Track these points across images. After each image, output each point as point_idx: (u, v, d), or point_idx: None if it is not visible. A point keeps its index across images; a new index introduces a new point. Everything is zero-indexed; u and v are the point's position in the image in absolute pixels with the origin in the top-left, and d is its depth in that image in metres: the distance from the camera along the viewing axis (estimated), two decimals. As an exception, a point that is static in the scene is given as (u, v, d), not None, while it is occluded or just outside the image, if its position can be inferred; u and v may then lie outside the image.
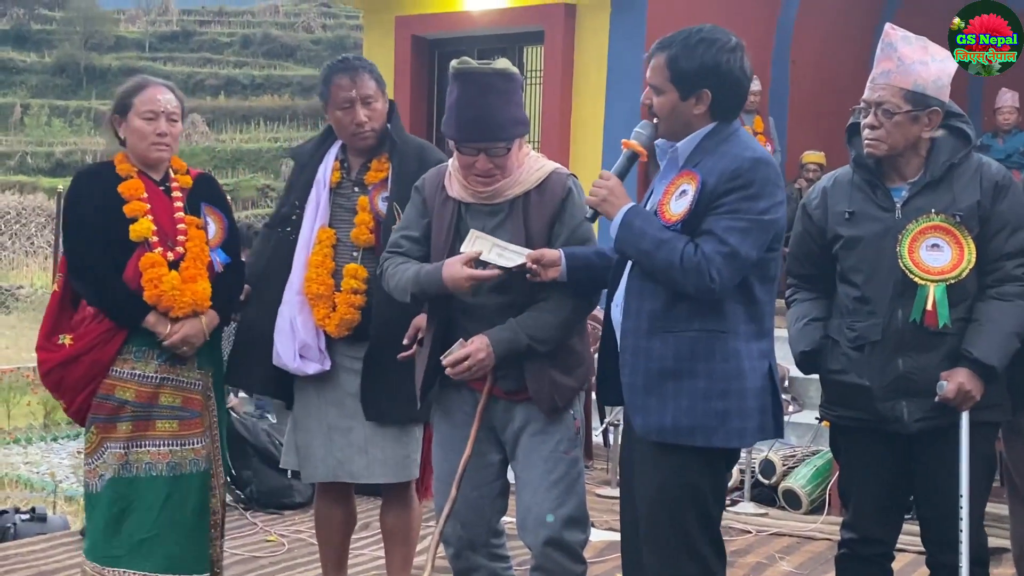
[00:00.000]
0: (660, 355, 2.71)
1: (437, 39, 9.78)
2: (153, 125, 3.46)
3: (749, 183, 2.67)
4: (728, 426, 2.71)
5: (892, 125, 2.96)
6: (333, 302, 3.50)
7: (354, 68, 3.53)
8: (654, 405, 2.72)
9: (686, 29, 2.78)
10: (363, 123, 3.50)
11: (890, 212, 3.02)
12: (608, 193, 2.76)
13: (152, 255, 3.42)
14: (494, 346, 2.92)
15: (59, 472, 6.62)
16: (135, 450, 3.48)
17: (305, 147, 3.74)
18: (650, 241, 2.68)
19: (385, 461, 3.55)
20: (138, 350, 3.48)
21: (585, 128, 8.90)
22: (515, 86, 2.99)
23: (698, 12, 8.86)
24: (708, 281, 2.64)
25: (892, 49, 2.99)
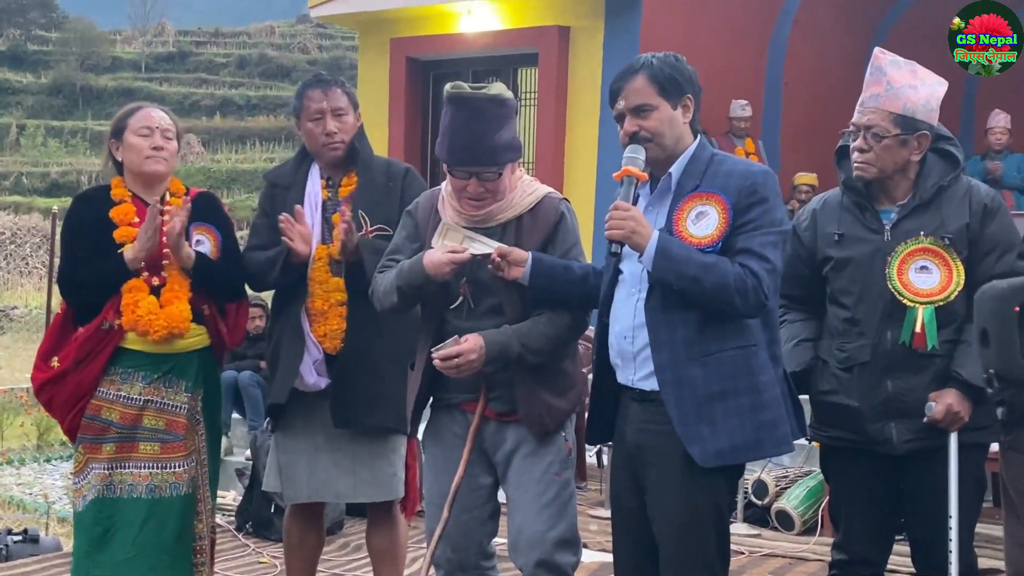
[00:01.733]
0: (704, 380, 2.74)
1: (432, 61, 9.83)
2: (148, 140, 3.52)
3: (766, 197, 2.75)
4: (776, 434, 2.79)
5: (881, 148, 2.98)
6: (327, 317, 3.54)
7: (326, 82, 3.62)
8: (707, 432, 2.73)
9: (644, 56, 2.87)
10: (333, 133, 3.55)
11: (879, 234, 3.03)
12: (635, 224, 2.72)
13: (134, 281, 3.46)
14: (487, 348, 2.90)
15: (52, 493, 6.62)
16: (118, 471, 3.49)
17: (284, 169, 3.76)
18: (695, 266, 2.68)
19: (372, 481, 3.57)
20: (124, 371, 3.49)
21: (579, 149, 8.94)
22: (508, 111, 2.98)
23: (691, 35, 8.97)
24: (763, 298, 2.71)
25: (881, 73, 3.02)
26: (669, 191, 2.84)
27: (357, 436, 3.55)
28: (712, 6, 9.17)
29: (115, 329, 3.46)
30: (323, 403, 3.55)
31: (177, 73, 44.47)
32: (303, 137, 3.66)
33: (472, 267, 3.00)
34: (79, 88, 41.46)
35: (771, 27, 9.93)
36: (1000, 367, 2.11)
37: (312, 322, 3.56)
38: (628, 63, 2.89)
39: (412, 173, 3.67)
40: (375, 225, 3.52)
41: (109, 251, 3.47)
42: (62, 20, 49.08)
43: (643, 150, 2.81)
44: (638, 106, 2.80)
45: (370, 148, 3.69)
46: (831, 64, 10.33)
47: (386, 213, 3.49)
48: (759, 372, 2.77)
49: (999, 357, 2.11)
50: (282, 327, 3.61)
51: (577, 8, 8.82)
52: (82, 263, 3.49)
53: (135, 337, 3.47)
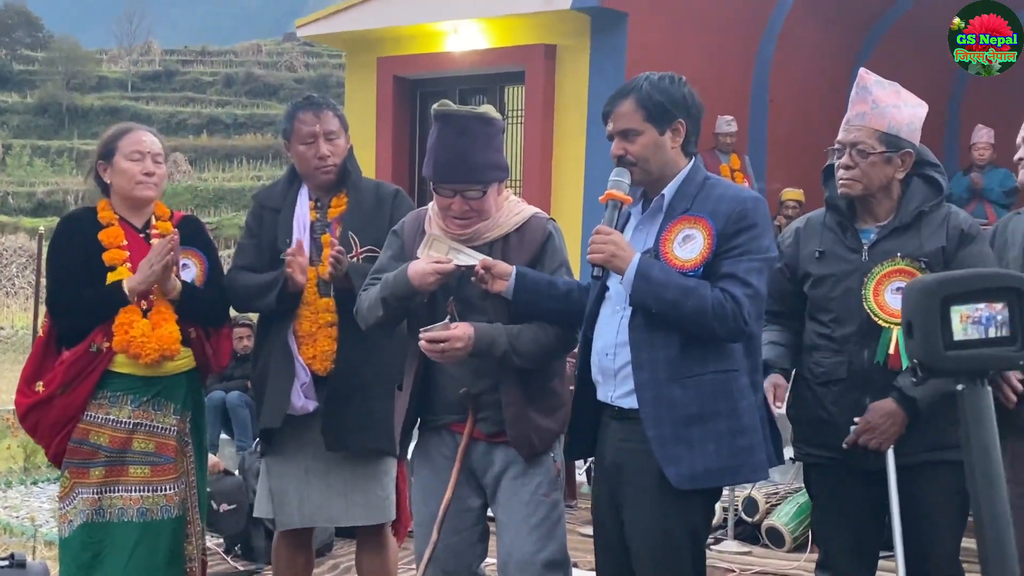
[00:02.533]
0: (683, 402, 2.74)
1: (419, 79, 9.86)
2: (140, 165, 3.50)
3: (755, 223, 2.76)
4: (753, 460, 2.79)
5: (867, 165, 3.01)
6: (315, 339, 3.54)
7: (318, 105, 3.62)
8: (684, 453, 2.73)
9: (638, 77, 2.88)
10: (325, 156, 3.56)
11: (857, 253, 3.06)
12: (615, 247, 2.75)
13: None
14: (476, 338, 2.89)
15: (39, 516, 6.55)
16: (108, 495, 3.47)
17: (273, 190, 3.75)
18: (675, 291, 2.69)
19: (365, 503, 3.56)
20: (112, 395, 3.48)
21: (566, 167, 8.97)
22: (494, 131, 3.00)
23: (677, 52, 9.01)
24: (742, 324, 2.71)
25: (867, 92, 3.06)
26: (660, 212, 2.86)
27: (348, 459, 3.54)
28: (697, 24, 9.22)
29: (103, 352, 3.44)
30: (312, 426, 3.53)
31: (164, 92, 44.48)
32: (294, 159, 3.66)
33: (458, 284, 3.01)
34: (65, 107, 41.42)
35: (756, 44, 9.99)
36: (923, 357, 2.20)
37: (300, 344, 3.55)
38: (622, 84, 2.90)
39: (401, 195, 3.67)
40: (364, 246, 3.53)
41: (99, 274, 3.45)
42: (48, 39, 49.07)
43: (628, 173, 2.83)
44: (624, 130, 2.83)
45: (359, 169, 3.70)
46: (816, 80, 10.40)
47: (375, 234, 3.49)
48: (739, 397, 2.77)
49: (922, 348, 2.20)
50: (269, 349, 3.59)
51: (563, 27, 8.86)
52: (73, 288, 3.46)
53: (124, 360, 3.45)
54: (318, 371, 3.53)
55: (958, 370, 2.19)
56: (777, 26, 9.98)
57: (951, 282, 2.25)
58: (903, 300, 2.33)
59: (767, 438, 2.85)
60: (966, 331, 2.19)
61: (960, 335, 2.19)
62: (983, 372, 2.19)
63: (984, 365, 2.19)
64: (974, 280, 2.25)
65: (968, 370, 2.19)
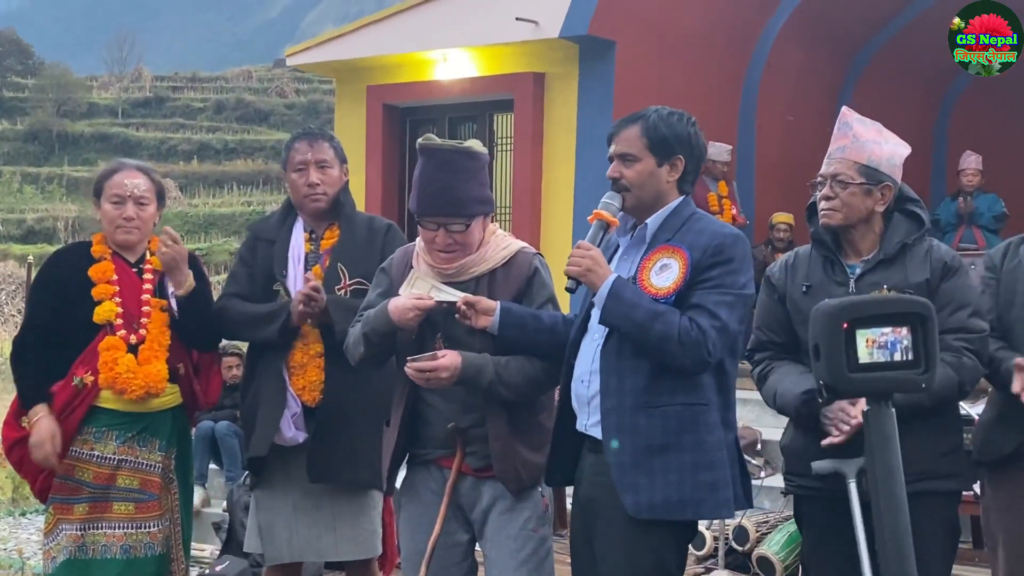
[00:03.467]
0: (647, 431, 2.74)
1: (408, 107, 9.90)
2: (120, 209, 3.52)
3: (731, 258, 2.78)
4: (717, 497, 2.77)
5: (847, 195, 3.04)
6: (305, 369, 3.54)
7: (314, 135, 3.67)
8: (644, 483, 2.73)
9: (650, 108, 2.93)
10: (315, 184, 3.58)
11: (844, 286, 3.07)
12: (592, 263, 2.78)
13: (111, 339, 3.45)
14: (463, 367, 2.89)
15: (27, 549, 6.51)
16: (91, 532, 3.45)
17: (268, 222, 3.77)
18: (644, 313, 2.71)
19: (354, 538, 3.55)
20: (98, 431, 3.47)
21: (555, 194, 9.00)
22: (479, 165, 3.02)
23: (665, 80, 9.06)
24: (706, 355, 2.71)
25: (848, 128, 3.10)
26: (644, 242, 2.89)
27: (336, 493, 3.53)
28: (685, 51, 9.28)
29: (87, 387, 3.43)
30: (300, 459, 3.52)
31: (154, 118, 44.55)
32: (288, 188, 3.69)
33: (445, 321, 3.01)
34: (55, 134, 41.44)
35: (744, 70, 10.05)
36: (829, 379, 2.27)
37: (291, 375, 3.55)
38: (633, 112, 2.94)
39: (394, 229, 3.69)
40: (353, 279, 3.53)
41: (85, 308, 3.45)
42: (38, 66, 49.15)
43: (619, 198, 2.86)
44: (624, 154, 2.88)
45: (353, 202, 3.72)
46: (803, 106, 10.47)
47: (365, 268, 3.49)
48: (706, 431, 2.76)
49: (827, 370, 2.27)
50: (261, 379, 3.58)
51: (551, 55, 8.91)
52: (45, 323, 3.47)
53: (109, 395, 3.45)
54: (307, 402, 3.53)
55: (863, 392, 2.27)
56: (764, 52, 10.06)
57: (857, 306, 2.32)
58: (811, 323, 2.38)
59: (735, 478, 2.83)
60: (872, 354, 2.25)
61: (865, 358, 2.26)
62: (888, 394, 2.25)
63: (889, 387, 2.26)
64: (879, 305, 2.32)
65: (873, 392, 2.25)
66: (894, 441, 2.23)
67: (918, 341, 2.25)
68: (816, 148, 11.69)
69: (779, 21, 10.01)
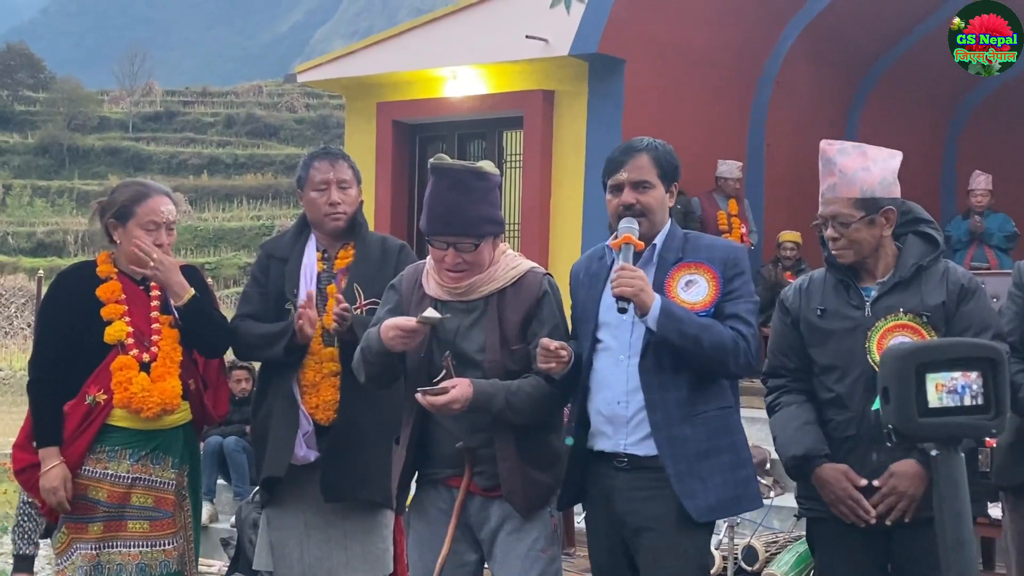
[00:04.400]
0: (695, 439, 2.92)
1: (418, 124, 9.93)
2: (153, 236, 3.51)
3: (744, 270, 3.03)
4: (751, 491, 3.03)
5: (851, 233, 3.03)
6: (318, 388, 3.56)
7: (333, 155, 3.70)
8: (699, 488, 2.91)
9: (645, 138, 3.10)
10: (336, 203, 3.61)
11: (860, 310, 3.06)
12: (644, 283, 2.87)
13: (123, 358, 3.45)
14: (473, 399, 2.90)
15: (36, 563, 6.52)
16: (106, 551, 3.45)
17: (281, 241, 3.78)
18: (695, 326, 2.88)
19: (364, 556, 3.56)
20: (111, 449, 3.46)
21: (564, 211, 9.01)
22: (489, 185, 3.03)
23: (674, 98, 9.08)
24: (752, 360, 2.94)
25: (832, 164, 3.07)
26: (651, 262, 3.00)
27: (348, 511, 3.54)
28: (694, 69, 9.30)
29: (100, 405, 3.44)
30: (311, 477, 3.53)
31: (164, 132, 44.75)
32: (305, 206, 3.71)
33: (454, 339, 3.02)
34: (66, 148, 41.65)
35: (753, 89, 10.07)
36: (898, 423, 2.25)
37: (304, 393, 3.56)
38: (631, 141, 3.08)
39: (406, 249, 3.71)
40: (368, 299, 3.55)
41: (95, 328, 3.45)
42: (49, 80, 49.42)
43: (637, 223, 2.95)
44: (639, 181, 2.99)
45: (367, 223, 3.76)
46: (812, 124, 10.47)
47: (379, 287, 3.49)
48: (736, 432, 3.01)
49: (897, 414, 2.25)
50: (273, 397, 3.60)
51: (561, 73, 8.94)
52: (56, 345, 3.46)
53: (122, 414, 3.45)
54: (320, 420, 3.54)
55: (932, 437, 2.24)
56: (773, 70, 10.07)
57: (927, 350, 2.31)
58: (880, 366, 2.37)
59: (753, 473, 3.08)
60: (941, 399, 2.24)
61: (935, 403, 2.25)
62: (957, 440, 2.24)
63: (958, 433, 2.24)
64: (950, 349, 2.31)
65: (942, 437, 2.24)
66: (963, 486, 2.22)
67: (988, 386, 2.24)
68: (826, 167, 11.28)
69: (788, 39, 10.02)
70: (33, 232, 33.27)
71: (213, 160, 41.38)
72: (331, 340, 3.56)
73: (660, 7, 8.85)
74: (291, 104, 46.73)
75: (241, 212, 36.01)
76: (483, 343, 3.02)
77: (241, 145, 42.92)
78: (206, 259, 29.59)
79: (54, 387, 3.44)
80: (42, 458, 3.40)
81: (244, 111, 46.30)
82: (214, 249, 31.92)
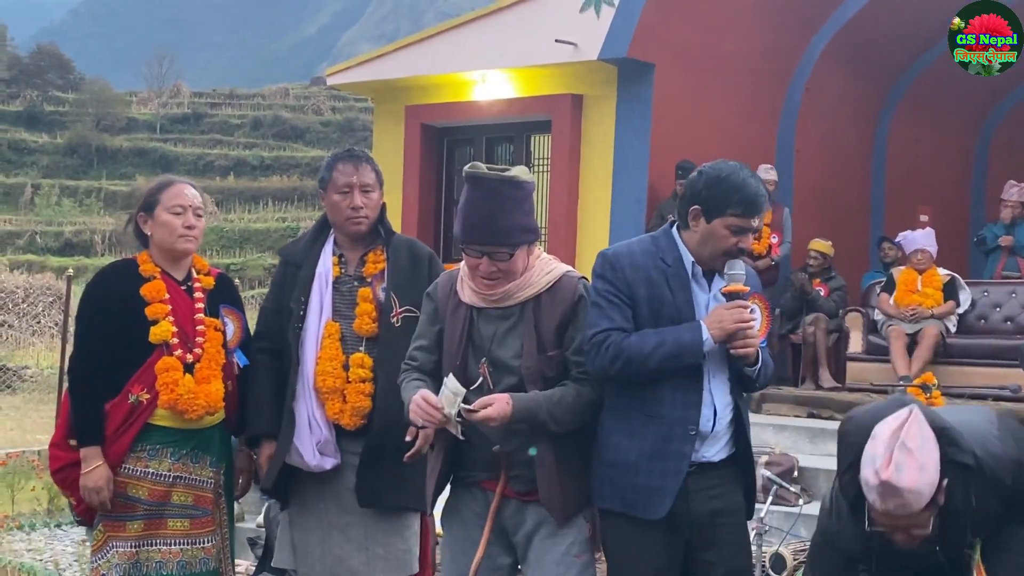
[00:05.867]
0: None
1: (446, 127, 9.94)
2: (181, 218, 3.54)
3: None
4: None
5: (920, 532, 2.82)
6: (343, 394, 3.55)
7: (357, 157, 3.68)
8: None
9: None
10: (359, 207, 3.61)
11: None
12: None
13: (168, 359, 3.46)
14: (514, 412, 2.89)
15: (62, 560, 6.56)
16: (146, 549, 3.46)
17: (298, 245, 3.80)
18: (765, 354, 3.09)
19: (386, 557, 3.56)
20: (152, 448, 3.48)
21: (592, 215, 9.00)
22: (524, 194, 3.01)
23: (703, 103, 9.06)
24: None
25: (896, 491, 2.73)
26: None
27: (370, 513, 3.55)
28: (724, 74, 9.27)
29: (143, 404, 3.44)
30: (332, 480, 3.56)
31: (192, 134, 45.03)
32: (327, 208, 3.70)
33: (491, 346, 3.02)
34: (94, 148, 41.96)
35: (782, 95, 10.02)
36: None
37: (326, 400, 3.56)
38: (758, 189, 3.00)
39: (436, 259, 3.72)
40: (403, 306, 3.55)
41: (139, 328, 3.46)
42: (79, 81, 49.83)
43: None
44: (757, 230, 3.06)
45: (390, 225, 3.75)
46: (842, 131, 10.42)
47: (413, 295, 3.51)
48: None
49: None
50: None
51: (590, 77, 8.93)
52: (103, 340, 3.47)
53: (164, 413, 3.46)
54: (347, 426, 3.54)
55: None
56: (804, 76, 10.03)
57: None
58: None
59: None
60: None
61: None
62: None
63: None
64: None
65: None
66: None
67: None
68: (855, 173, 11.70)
69: (819, 45, 9.98)
70: (61, 232, 33.54)
71: (239, 162, 41.59)
72: (358, 346, 3.57)
73: (690, 12, 8.83)
74: (317, 107, 46.92)
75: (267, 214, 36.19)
76: (519, 349, 3.01)
77: (267, 147, 43.12)
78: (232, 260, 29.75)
79: (97, 385, 3.45)
80: (84, 457, 3.41)
81: (271, 113, 46.53)
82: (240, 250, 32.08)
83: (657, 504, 2.95)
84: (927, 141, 11.01)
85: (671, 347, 2.91)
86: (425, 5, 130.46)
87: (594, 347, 2.94)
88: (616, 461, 2.98)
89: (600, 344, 2.93)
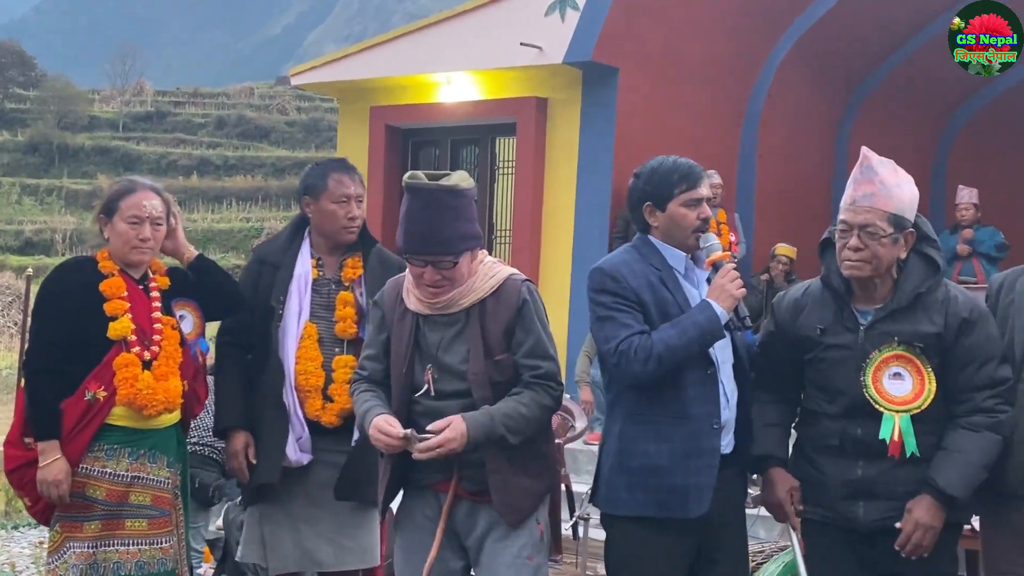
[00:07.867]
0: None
1: (411, 129, 9.94)
2: (136, 230, 3.51)
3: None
4: None
5: (877, 247, 2.95)
6: (326, 394, 3.63)
7: (351, 168, 3.80)
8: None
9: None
10: (355, 217, 3.72)
11: (854, 333, 3.03)
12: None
13: (127, 355, 3.45)
14: (470, 432, 2.89)
15: (19, 562, 6.49)
16: (103, 549, 3.44)
17: (274, 245, 3.82)
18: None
19: (355, 548, 3.68)
20: (109, 448, 3.46)
21: (556, 217, 9.04)
22: (465, 202, 2.99)
23: (666, 108, 9.12)
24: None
25: (872, 172, 2.99)
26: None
27: (337, 506, 3.63)
28: (687, 79, 9.35)
29: (100, 402, 3.42)
30: (302, 475, 3.65)
31: (155, 133, 44.56)
32: (315, 215, 3.73)
33: (436, 351, 3.03)
34: (56, 146, 41.41)
35: (745, 100, 10.12)
36: None
37: (305, 399, 3.62)
38: (688, 161, 3.13)
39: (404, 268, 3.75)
40: None
41: (97, 323, 3.45)
42: (40, 78, 49.18)
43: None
44: (709, 199, 3.15)
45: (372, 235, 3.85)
46: (804, 136, 10.52)
47: None
48: None
49: None
50: (261, 405, 3.66)
51: (555, 80, 8.97)
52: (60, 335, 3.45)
53: (120, 412, 3.44)
54: (327, 424, 3.62)
55: None
56: (766, 83, 10.12)
57: None
58: None
59: None
60: None
61: None
62: None
63: None
64: None
65: None
66: None
67: None
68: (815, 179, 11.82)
69: (781, 53, 10.08)
70: (21, 230, 33.08)
71: (203, 161, 41.23)
72: (340, 349, 3.64)
73: (654, 17, 8.90)
74: (282, 106, 46.63)
75: (230, 214, 35.89)
76: (466, 355, 3.00)
77: (231, 147, 42.77)
78: (195, 260, 29.44)
79: (53, 381, 3.43)
80: (41, 451, 3.39)
81: (235, 113, 46.17)
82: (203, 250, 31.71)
83: (695, 502, 3.02)
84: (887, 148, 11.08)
85: (693, 331, 2.98)
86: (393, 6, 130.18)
87: (621, 355, 2.96)
88: (646, 466, 3.03)
89: (627, 351, 2.96)
